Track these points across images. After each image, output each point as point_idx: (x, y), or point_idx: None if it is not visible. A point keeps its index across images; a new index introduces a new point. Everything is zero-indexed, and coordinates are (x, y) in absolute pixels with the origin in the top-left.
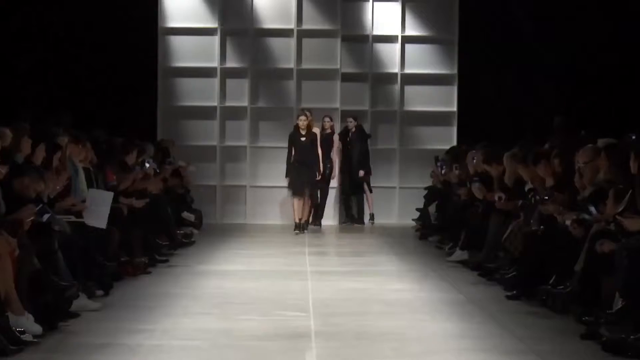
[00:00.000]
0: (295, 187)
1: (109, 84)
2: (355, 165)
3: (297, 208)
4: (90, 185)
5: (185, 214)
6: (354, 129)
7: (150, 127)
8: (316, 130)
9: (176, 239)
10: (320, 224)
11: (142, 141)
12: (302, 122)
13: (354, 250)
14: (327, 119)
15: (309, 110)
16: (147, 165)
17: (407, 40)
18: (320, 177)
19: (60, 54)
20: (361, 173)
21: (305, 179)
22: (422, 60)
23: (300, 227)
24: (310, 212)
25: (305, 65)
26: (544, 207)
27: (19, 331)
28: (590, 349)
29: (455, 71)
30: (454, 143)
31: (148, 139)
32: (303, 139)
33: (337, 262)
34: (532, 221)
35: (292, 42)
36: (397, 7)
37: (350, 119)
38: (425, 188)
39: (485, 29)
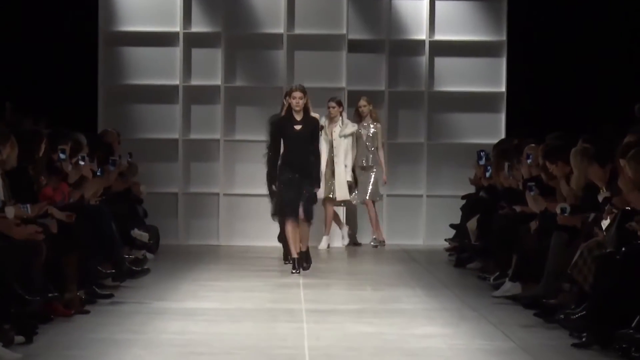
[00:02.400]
0: (284, 208)
1: (31, 56)
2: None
3: (292, 235)
4: (14, 192)
5: (137, 232)
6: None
7: (88, 114)
8: (316, 115)
9: (124, 266)
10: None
11: (76, 132)
12: (298, 100)
13: (365, 280)
14: (332, 104)
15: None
16: (82, 163)
17: None
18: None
19: None
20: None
21: (298, 194)
22: (458, 23)
23: (299, 264)
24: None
25: (300, 30)
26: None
27: None
28: None
29: (503, 37)
30: (502, 135)
31: (85, 129)
32: (298, 127)
33: (343, 297)
34: (607, 241)
35: None
36: None
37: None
38: (463, 197)
39: None
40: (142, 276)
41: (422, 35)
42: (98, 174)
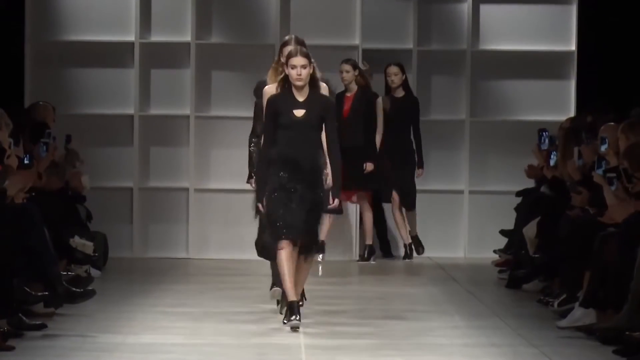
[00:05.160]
0: (274, 227)
1: None
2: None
3: (286, 267)
4: None
5: (77, 241)
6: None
7: (11, 81)
8: (325, 87)
9: (60, 286)
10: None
11: None
12: (300, 70)
13: (386, 306)
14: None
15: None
16: None
17: None
18: (335, 201)
19: None
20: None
21: (298, 209)
22: None
23: (297, 310)
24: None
25: None
26: None
27: None
28: None
29: None
30: (572, 111)
31: (7, 102)
32: (300, 112)
33: (355, 329)
34: None
35: None
36: None
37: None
38: (519, 193)
39: None
40: (84, 300)
41: None
42: (26, 162)
